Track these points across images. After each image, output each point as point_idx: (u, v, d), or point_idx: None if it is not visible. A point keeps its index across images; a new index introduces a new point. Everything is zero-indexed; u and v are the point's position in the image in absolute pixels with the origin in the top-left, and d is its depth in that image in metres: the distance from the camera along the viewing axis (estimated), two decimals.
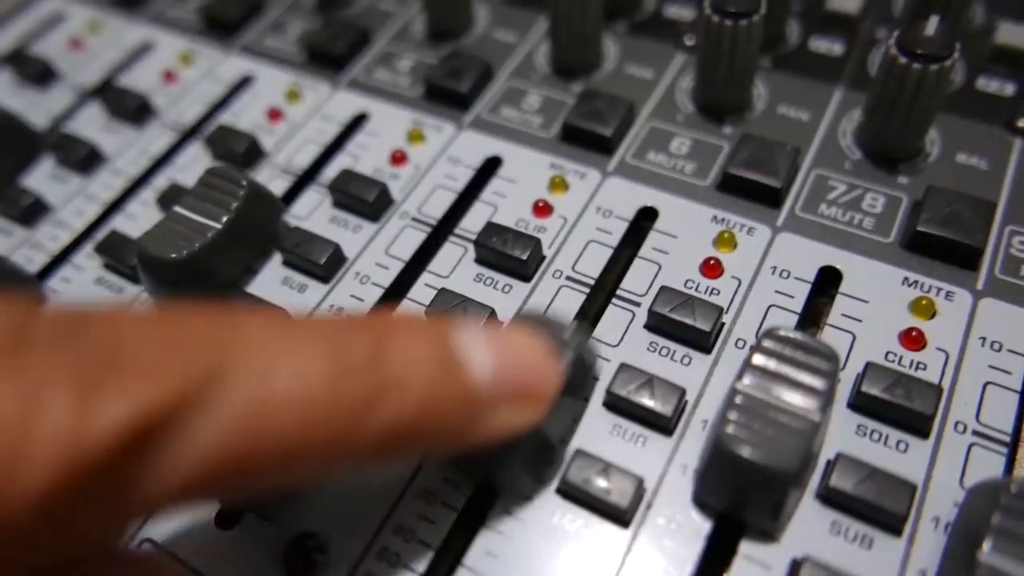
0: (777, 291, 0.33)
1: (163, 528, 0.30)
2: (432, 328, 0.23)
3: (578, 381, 0.29)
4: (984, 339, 0.31)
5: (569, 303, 0.34)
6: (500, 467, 0.28)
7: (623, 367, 0.31)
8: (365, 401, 0.20)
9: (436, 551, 0.28)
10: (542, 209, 0.37)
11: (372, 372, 0.21)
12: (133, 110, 0.46)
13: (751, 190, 0.36)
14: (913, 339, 0.31)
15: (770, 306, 0.33)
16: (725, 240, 0.35)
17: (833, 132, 0.39)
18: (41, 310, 0.18)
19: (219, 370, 0.18)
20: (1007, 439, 0.29)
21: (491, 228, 0.35)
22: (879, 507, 0.26)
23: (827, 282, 0.34)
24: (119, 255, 0.38)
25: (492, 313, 0.33)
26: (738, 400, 0.26)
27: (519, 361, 0.24)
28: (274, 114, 0.45)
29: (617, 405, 0.30)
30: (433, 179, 0.40)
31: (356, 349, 0.21)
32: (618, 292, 0.34)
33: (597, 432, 0.30)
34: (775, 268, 0.34)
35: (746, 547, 0.27)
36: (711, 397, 0.31)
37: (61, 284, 0.39)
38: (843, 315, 0.32)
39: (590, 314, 0.34)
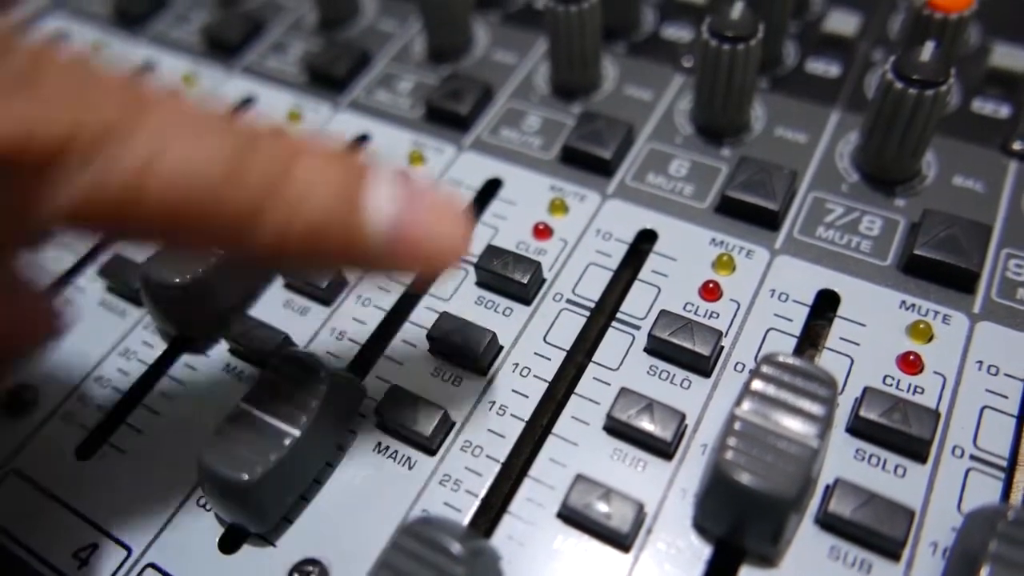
0: (776, 314, 0.34)
1: (166, 553, 0.30)
2: (348, 163, 0.23)
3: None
4: (981, 363, 0.31)
5: (569, 326, 0.34)
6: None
7: (623, 391, 0.31)
8: (248, 210, 0.22)
9: None
10: (542, 231, 0.38)
11: (263, 186, 0.22)
12: None
13: (749, 213, 0.37)
14: (911, 363, 0.31)
15: (769, 329, 0.33)
16: (724, 263, 0.35)
17: (830, 154, 0.39)
18: None
19: (110, 132, 0.21)
20: (1004, 463, 0.29)
21: (491, 251, 0.36)
22: (877, 532, 0.27)
23: (825, 305, 0.34)
24: (122, 279, 0.38)
25: (494, 337, 0.33)
26: (737, 426, 0.26)
27: (424, 224, 0.23)
28: None
29: (617, 429, 0.31)
30: None
31: (257, 158, 0.22)
32: (618, 315, 0.34)
33: (597, 457, 0.30)
34: (773, 291, 0.34)
35: (746, 572, 0.27)
36: (711, 421, 0.31)
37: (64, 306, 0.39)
38: (841, 338, 0.33)
39: (590, 337, 0.34)
